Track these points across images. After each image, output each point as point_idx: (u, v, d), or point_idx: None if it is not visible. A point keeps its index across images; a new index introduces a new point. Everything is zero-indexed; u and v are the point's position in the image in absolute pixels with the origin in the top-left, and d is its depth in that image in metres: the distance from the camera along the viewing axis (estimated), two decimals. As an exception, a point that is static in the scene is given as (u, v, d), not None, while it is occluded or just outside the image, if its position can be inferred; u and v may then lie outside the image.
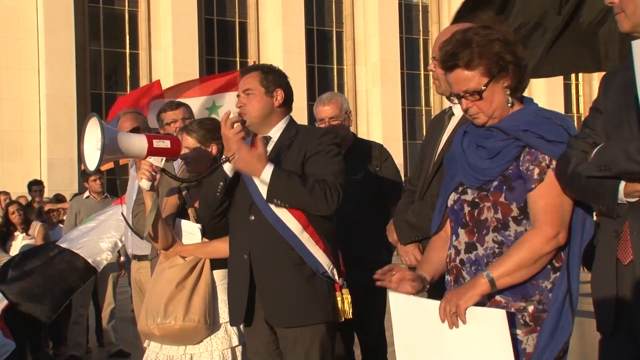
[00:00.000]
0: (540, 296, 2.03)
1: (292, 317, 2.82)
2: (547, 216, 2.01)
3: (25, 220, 6.81)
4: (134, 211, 3.57)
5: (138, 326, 3.17)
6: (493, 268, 2.01)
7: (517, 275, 2.00)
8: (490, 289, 2.00)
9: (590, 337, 2.14)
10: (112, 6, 28.35)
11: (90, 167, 2.83)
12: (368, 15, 31.21)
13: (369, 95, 31.35)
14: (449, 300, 2.01)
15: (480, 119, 2.16)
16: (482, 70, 2.09)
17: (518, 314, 2.03)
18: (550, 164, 2.04)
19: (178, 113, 4.04)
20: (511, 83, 2.11)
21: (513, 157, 2.07)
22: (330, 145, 2.88)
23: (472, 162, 2.14)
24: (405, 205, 2.98)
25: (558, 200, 2.02)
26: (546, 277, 2.04)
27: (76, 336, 6.76)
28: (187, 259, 3.14)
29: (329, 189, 2.77)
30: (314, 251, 2.82)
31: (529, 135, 2.06)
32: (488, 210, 2.09)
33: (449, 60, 2.13)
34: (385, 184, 3.88)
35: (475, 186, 2.13)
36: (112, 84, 28.60)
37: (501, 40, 2.10)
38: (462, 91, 2.12)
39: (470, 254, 2.12)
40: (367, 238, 3.70)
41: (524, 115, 2.13)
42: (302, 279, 2.81)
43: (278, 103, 2.95)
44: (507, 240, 2.06)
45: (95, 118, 2.81)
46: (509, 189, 2.07)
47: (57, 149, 24.78)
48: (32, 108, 25.78)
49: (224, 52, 29.89)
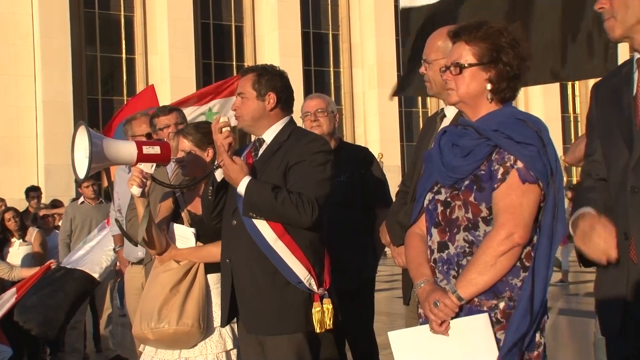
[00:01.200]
0: (511, 293, 2.05)
1: (264, 324, 2.81)
2: (502, 216, 2.03)
3: (22, 226, 6.80)
4: (127, 216, 3.57)
5: (132, 330, 3.17)
6: (458, 282, 2.08)
7: (481, 282, 2.04)
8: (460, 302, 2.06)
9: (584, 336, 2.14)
10: (108, 11, 28.37)
11: (80, 176, 2.83)
12: (364, 18, 31.26)
13: (366, 98, 31.39)
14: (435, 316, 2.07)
15: (452, 97, 2.20)
16: (476, 51, 2.13)
17: (490, 312, 2.06)
18: (515, 164, 2.06)
19: (171, 118, 4.02)
20: (494, 78, 2.14)
21: (484, 155, 2.09)
22: (315, 154, 2.82)
23: (446, 160, 2.18)
24: (398, 206, 2.99)
25: (517, 200, 2.03)
26: (516, 274, 2.06)
27: (74, 342, 6.75)
28: (181, 263, 3.14)
29: (303, 202, 2.71)
30: (289, 261, 2.77)
31: (499, 135, 2.08)
32: (459, 209, 2.12)
33: (458, 30, 2.19)
34: (371, 187, 3.88)
35: (448, 184, 2.16)
36: (109, 89, 28.61)
37: (508, 41, 2.14)
38: (450, 62, 2.17)
39: (442, 253, 2.15)
40: (352, 241, 3.69)
41: (498, 115, 2.15)
42: (275, 288, 2.78)
43: (270, 106, 2.93)
44: (477, 240, 2.09)
45: (83, 126, 2.81)
46: (479, 189, 2.09)
47: (53, 154, 24.76)
48: (29, 114, 25.78)
49: (221, 56, 29.93)
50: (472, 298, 2.06)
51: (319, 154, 2.84)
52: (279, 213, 2.74)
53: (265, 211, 2.76)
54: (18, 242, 6.76)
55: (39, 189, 9.31)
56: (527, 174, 2.05)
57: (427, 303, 2.09)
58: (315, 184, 2.78)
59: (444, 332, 2.06)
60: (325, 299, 2.81)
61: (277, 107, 2.95)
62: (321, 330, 2.79)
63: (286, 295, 2.77)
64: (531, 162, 2.05)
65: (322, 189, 2.79)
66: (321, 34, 31.96)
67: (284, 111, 2.99)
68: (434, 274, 2.17)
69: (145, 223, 2.96)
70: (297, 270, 2.77)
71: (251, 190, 2.76)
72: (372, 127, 30.67)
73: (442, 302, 2.05)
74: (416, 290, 2.20)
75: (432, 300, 2.07)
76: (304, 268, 2.78)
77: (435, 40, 2.81)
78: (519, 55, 2.15)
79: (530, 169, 2.05)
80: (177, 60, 27.49)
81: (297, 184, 2.77)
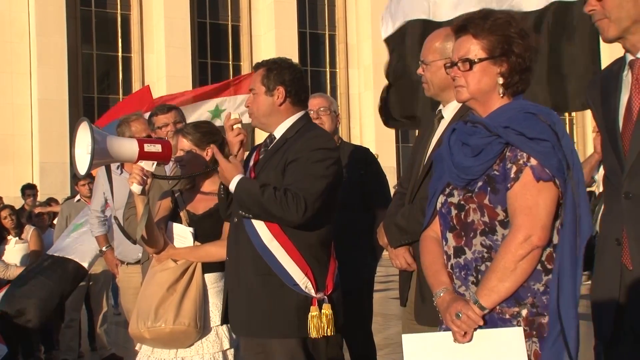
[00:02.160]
0: (534, 299, 1.97)
1: (252, 327, 2.74)
2: (519, 218, 1.94)
3: (18, 224, 6.79)
4: (125, 214, 3.57)
5: (129, 329, 3.16)
6: (479, 290, 1.98)
7: (503, 289, 1.94)
8: (483, 311, 1.97)
9: (586, 340, 2.11)
10: (105, 9, 28.27)
11: (81, 172, 2.83)
12: (360, 19, 31.23)
13: (362, 99, 31.36)
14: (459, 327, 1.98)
15: (462, 94, 2.10)
16: (486, 44, 2.04)
17: (513, 320, 1.97)
18: (528, 161, 1.96)
19: (169, 117, 4.02)
20: (506, 72, 2.05)
21: (496, 154, 1.99)
22: (314, 151, 2.72)
23: (456, 161, 2.08)
24: (395, 208, 2.96)
25: (532, 200, 1.94)
26: (538, 279, 1.97)
27: (68, 340, 6.73)
28: (178, 262, 3.14)
29: (287, 199, 2.62)
30: (284, 262, 2.68)
31: (510, 132, 1.98)
32: (474, 213, 2.03)
33: (462, 22, 2.09)
34: (371, 187, 3.87)
35: (461, 186, 2.07)
36: (105, 88, 28.52)
37: (518, 32, 2.05)
38: (458, 57, 2.07)
39: (459, 259, 2.06)
40: (352, 242, 3.68)
41: (508, 110, 2.04)
42: (268, 290, 2.70)
43: (279, 102, 2.85)
44: (495, 245, 2.00)
45: (85, 122, 2.81)
46: (494, 190, 2.00)
47: (49, 152, 24.68)
48: (24, 112, 25.68)
49: (217, 56, 29.85)
50: (494, 306, 1.96)
51: (319, 150, 2.74)
52: (265, 210, 2.66)
53: (253, 209, 2.70)
54: (14, 240, 6.75)
55: (35, 187, 9.29)
56: (542, 171, 1.94)
57: (449, 314, 1.99)
58: (308, 180, 2.68)
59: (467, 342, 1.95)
60: (324, 304, 2.70)
61: (287, 102, 2.86)
62: (318, 336, 2.68)
63: (279, 297, 2.69)
64: (545, 159, 1.94)
65: (315, 185, 2.68)
66: (317, 34, 31.92)
67: (295, 106, 2.89)
68: (451, 280, 2.08)
69: (144, 221, 2.96)
70: (292, 272, 2.69)
71: (240, 189, 2.72)
72: (368, 127, 30.64)
73: (465, 314, 1.95)
74: (435, 299, 2.09)
75: (454, 311, 1.97)
76: (300, 270, 2.70)
77: (433, 42, 2.80)
78: (529, 46, 2.06)
79: (545, 165, 1.94)
80: (173, 59, 27.42)
81: (290, 179, 2.70)
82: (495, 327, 1.97)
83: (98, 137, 2.76)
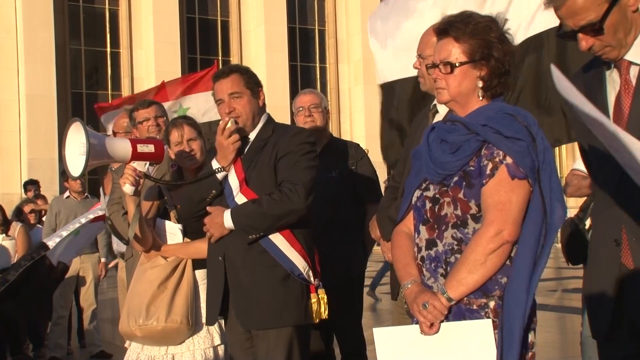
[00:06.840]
0: (501, 292, 2.01)
1: (262, 319, 2.82)
2: (492, 213, 2.00)
3: (4, 221, 6.73)
4: (108, 211, 3.54)
5: (119, 327, 3.14)
6: (447, 282, 2.03)
7: (471, 282, 2.00)
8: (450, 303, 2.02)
9: (572, 332, 2.12)
10: (93, 4, 28.14)
11: (74, 173, 2.78)
12: (350, 14, 31.26)
13: (352, 94, 31.41)
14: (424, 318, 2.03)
15: (443, 96, 2.16)
16: (466, 48, 2.09)
17: (481, 310, 2.02)
18: (504, 159, 2.02)
19: (150, 111, 3.96)
20: (486, 75, 2.11)
21: (473, 151, 2.06)
22: (301, 145, 2.88)
23: (434, 156, 2.14)
24: (388, 201, 2.98)
25: (506, 197, 2.00)
26: (506, 273, 2.02)
27: (57, 337, 6.70)
28: (168, 259, 3.13)
29: (285, 193, 2.78)
30: (289, 253, 2.81)
31: (487, 130, 2.04)
32: (448, 206, 2.08)
33: (444, 26, 2.14)
34: (361, 182, 3.88)
35: (437, 181, 2.13)
36: (93, 83, 28.40)
37: (498, 36, 2.11)
38: (440, 60, 2.13)
39: (430, 251, 2.11)
40: (343, 236, 3.69)
41: (487, 110, 2.12)
42: (276, 281, 2.80)
43: (262, 102, 2.98)
44: (465, 238, 2.05)
45: (78, 123, 2.76)
46: (468, 185, 2.06)
47: (37, 149, 24.56)
48: (12, 108, 25.53)
49: (206, 51, 29.79)
50: (462, 298, 2.01)
51: (305, 144, 2.91)
52: (272, 216, 2.77)
53: (261, 225, 2.79)
54: (1, 236, 6.69)
55: (37, 182, 9.16)
56: (517, 169, 2.00)
57: (416, 305, 2.05)
58: (303, 170, 2.84)
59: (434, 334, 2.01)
60: (319, 289, 2.86)
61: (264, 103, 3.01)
62: (317, 320, 2.84)
63: (286, 287, 2.81)
64: (520, 158, 2.00)
65: (309, 174, 2.86)
66: (307, 30, 31.91)
67: (265, 107, 3.04)
68: (420, 273, 2.14)
69: (136, 221, 2.95)
70: (297, 262, 2.81)
71: (237, 217, 2.80)
72: (358, 123, 30.69)
73: (432, 304, 2.01)
74: (403, 290, 2.14)
75: (421, 301, 2.03)
76: (303, 260, 2.83)
77: (430, 36, 2.79)
78: (508, 50, 2.12)
79: (519, 164, 2.00)
80: (162, 55, 27.34)
81: (285, 172, 2.83)
82: (463, 318, 2.03)
83: (93, 137, 2.72)
